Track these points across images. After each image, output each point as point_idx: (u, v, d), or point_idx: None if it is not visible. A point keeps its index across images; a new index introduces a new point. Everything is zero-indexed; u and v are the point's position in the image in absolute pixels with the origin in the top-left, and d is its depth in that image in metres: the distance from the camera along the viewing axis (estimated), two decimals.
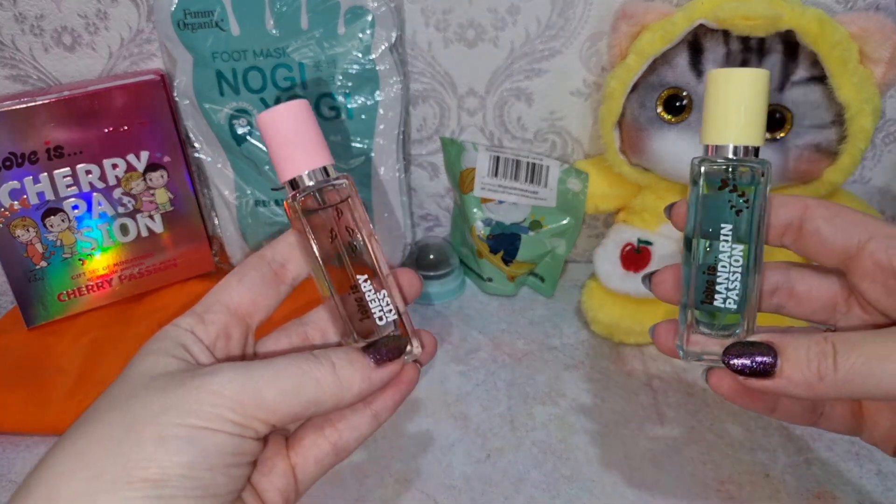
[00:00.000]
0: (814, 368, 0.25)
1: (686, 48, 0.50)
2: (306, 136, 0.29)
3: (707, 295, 0.29)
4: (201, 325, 0.28)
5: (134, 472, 0.22)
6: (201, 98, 0.57)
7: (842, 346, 0.24)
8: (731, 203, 0.28)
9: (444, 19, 0.58)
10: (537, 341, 0.58)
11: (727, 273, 0.29)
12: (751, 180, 0.28)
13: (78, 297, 0.59)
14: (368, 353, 0.28)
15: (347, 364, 0.27)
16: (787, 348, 0.26)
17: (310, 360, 0.26)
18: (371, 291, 0.29)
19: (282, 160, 0.29)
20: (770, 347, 0.26)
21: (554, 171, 0.61)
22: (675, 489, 0.44)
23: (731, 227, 0.28)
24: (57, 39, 0.59)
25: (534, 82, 0.60)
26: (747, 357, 0.26)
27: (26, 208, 0.55)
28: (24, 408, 0.49)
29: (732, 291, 0.29)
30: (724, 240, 0.29)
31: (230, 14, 0.54)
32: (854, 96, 0.47)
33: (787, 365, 0.25)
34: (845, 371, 0.24)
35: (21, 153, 0.53)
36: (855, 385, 0.24)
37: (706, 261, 0.29)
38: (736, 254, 0.29)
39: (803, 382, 0.25)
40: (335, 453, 0.30)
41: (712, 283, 0.29)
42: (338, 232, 0.29)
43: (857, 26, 0.47)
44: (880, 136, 0.61)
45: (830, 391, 0.25)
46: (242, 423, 0.24)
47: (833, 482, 0.44)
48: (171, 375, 0.25)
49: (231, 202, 0.61)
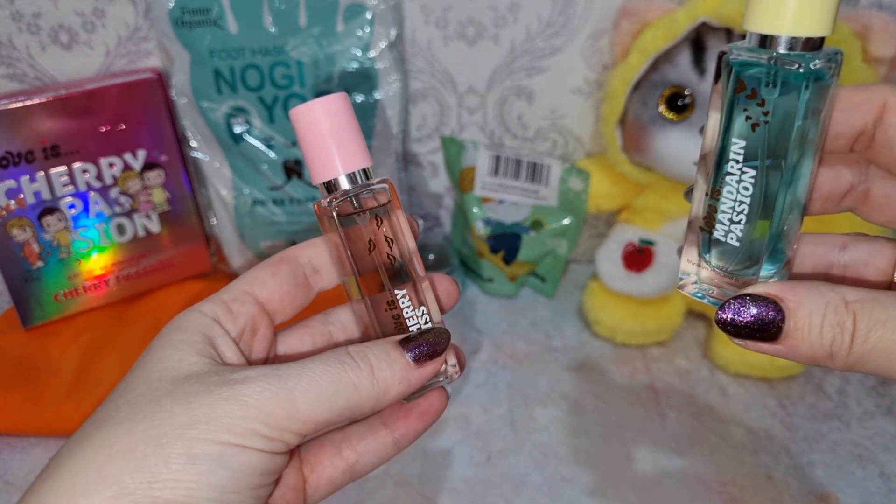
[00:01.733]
0: (826, 342, 0.21)
1: (688, 46, 0.49)
2: (345, 133, 0.26)
3: (707, 222, 0.24)
4: (228, 314, 0.26)
5: (160, 492, 0.21)
6: (199, 96, 0.56)
7: (864, 320, 0.21)
8: (748, 113, 0.22)
9: (444, 17, 0.57)
10: (538, 342, 0.57)
11: (732, 202, 0.23)
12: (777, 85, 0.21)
13: (75, 298, 0.59)
14: (407, 348, 0.25)
15: (386, 365, 0.24)
16: (799, 310, 0.21)
17: (346, 362, 0.24)
18: (409, 308, 0.27)
19: (316, 160, 0.26)
20: (777, 306, 0.21)
21: (555, 171, 0.61)
22: (677, 491, 0.43)
23: (744, 144, 0.22)
24: (54, 37, 0.58)
25: (535, 80, 0.60)
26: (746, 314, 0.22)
27: (23, 208, 0.54)
28: (20, 409, 0.49)
29: (737, 225, 0.23)
30: (732, 159, 0.23)
31: (228, 12, 0.54)
32: None
33: (795, 332, 0.21)
34: (861, 354, 0.21)
35: (17, 152, 0.53)
36: (867, 368, 0.21)
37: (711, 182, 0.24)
38: (746, 179, 0.23)
39: (809, 354, 0.21)
40: (350, 475, 0.28)
41: (714, 209, 0.24)
42: (376, 242, 0.26)
43: (860, 24, 0.47)
44: None
45: (838, 367, 0.21)
46: (274, 436, 0.22)
47: (836, 484, 0.44)
48: (197, 379, 0.23)
49: (229, 201, 0.60)
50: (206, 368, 0.24)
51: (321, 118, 0.26)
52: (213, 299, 0.26)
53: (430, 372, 0.26)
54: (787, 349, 0.22)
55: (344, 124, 0.26)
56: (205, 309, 0.26)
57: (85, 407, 0.49)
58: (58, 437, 0.49)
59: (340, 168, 0.26)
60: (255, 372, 0.23)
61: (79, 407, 0.49)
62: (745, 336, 0.22)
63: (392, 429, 0.28)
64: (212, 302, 0.26)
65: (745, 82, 0.22)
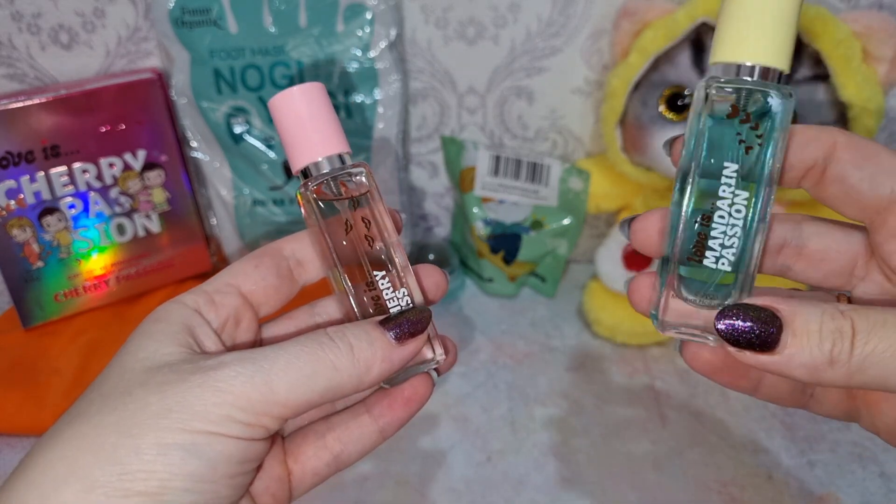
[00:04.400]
0: (826, 349, 0.20)
1: (688, 46, 0.49)
2: (320, 120, 0.26)
3: (696, 250, 0.24)
4: (210, 305, 0.25)
5: (131, 484, 0.20)
6: (199, 96, 0.56)
7: (862, 325, 0.20)
8: (741, 136, 0.23)
9: (444, 17, 0.57)
10: (538, 342, 0.57)
11: (725, 225, 0.23)
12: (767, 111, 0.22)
13: (75, 298, 0.59)
14: (388, 327, 0.25)
15: (366, 344, 0.24)
16: (796, 319, 0.21)
17: (324, 342, 0.23)
18: (389, 289, 0.27)
19: (294, 147, 0.27)
20: (774, 315, 0.21)
21: (555, 171, 0.61)
22: (677, 491, 0.43)
23: (737, 168, 0.23)
24: (54, 37, 0.58)
25: (535, 80, 0.60)
26: (745, 323, 0.21)
27: (23, 208, 0.54)
28: (20, 409, 0.49)
29: (729, 249, 0.23)
30: (725, 182, 0.23)
31: (228, 12, 0.54)
32: (857, 95, 0.46)
33: (794, 340, 0.21)
34: (863, 357, 0.20)
35: (17, 152, 0.53)
36: (869, 375, 0.20)
37: (701, 206, 0.23)
38: (738, 202, 0.23)
39: (809, 364, 0.21)
40: (335, 465, 0.28)
41: (705, 235, 0.23)
42: (353, 223, 0.27)
43: (861, 24, 0.47)
44: (883, 135, 0.61)
45: (839, 378, 0.21)
46: (251, 421, 0.22)
47: (836, 484, 0.44)
48: (171, 368, 0.22)
49: (228, 201, 0.60)
50: (181, 357, 0.23)
51: (299, 105, 0.26)
52: (194, 290, 0.26)
53: (411, 350, 0.25)
54: (786, 360, 0.21)
55: (320, 112, 0.27)
56: (186, 300, 0.25)
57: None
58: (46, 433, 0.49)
59: (318, 152, 0.27)
60: (229, 357, 0.23)
61: None
62: (743, 346, 0.21)
63: (376, 417, 0.28)
64: (193, 293, 0.26)
65: (738, 107, 0.23)
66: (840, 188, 0.23)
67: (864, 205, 0.23)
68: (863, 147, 0.23)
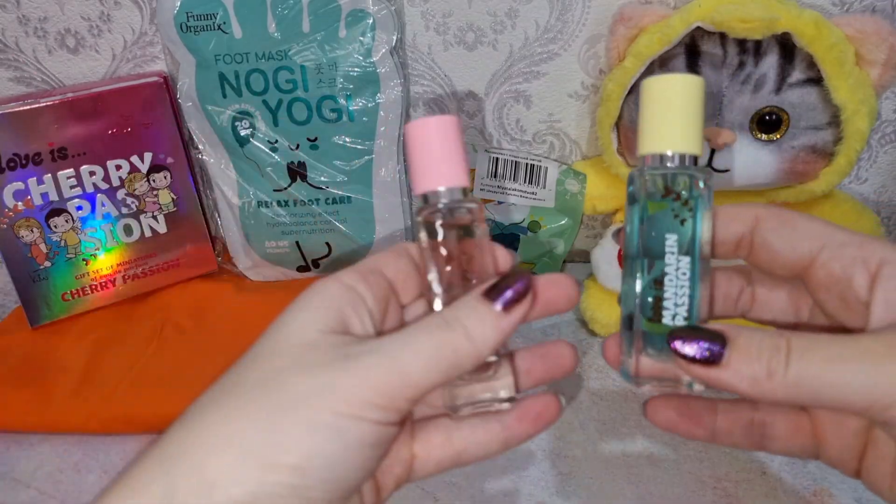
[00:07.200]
0: (763, 363, 0.23)
1: (683, 51, 0.50)
2: (447, 152, 0.28)
3: (654, 312, 0.27)
4: (365, 283, 0.27)
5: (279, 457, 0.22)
6: (204, 100, 0.57)
7: (797, 344, 0.23)
8: (675, 212, 0.27)
9: (444, 22, 0.58)
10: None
11: (674, 287, 0.27)
12: (692, 190, 0.27)
13: (82, 297, 0.60)
14: (493, 298, 0.26)
15: (478, 323, 0.25)
16: (739, 338, 0.24)
17: (442, 326, 0.25)
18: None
19: (418, 171, 0.28)
20: (720, 335, 0.24)
21: (552, 173, 0.61)
22: (672, 487, 0.44)
23: (677, 238, 0.27)
24: (60, 42, 0.59)
25: (532, 85, 0.61)
26: (694, 341, 0.24)
27: (30, 209, 0.55)
28: (28, 406, 0.50)
29: (681, 307, 0.27)
30: (669, 252, 0.27)
31: (232, 17, 0.55)
32: (850, 98, 0.47)
33: (736, 355, 0.24)
34: (797, 371, 0.23)
35: (25, 154, 0.54)
36: (804, 388, 0.23)
37: (652, 275, 0.27)
38: (683, 266, 0.27)
39: (750, 377, 0.23)
40: (456, 461, 0.29)
41: (660, 298, 0.27)
42: (456, 255, 0.28)
43: (854, 28, 0.48)
44: (876, 137, 0.62)
45: (778, 390, 0.23)
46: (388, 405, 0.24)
47: (830, 479, 0.44)
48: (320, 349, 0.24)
49: (234, 203, 0.61)
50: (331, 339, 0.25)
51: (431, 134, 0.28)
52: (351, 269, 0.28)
53: (519, 316, 0.26)
54: (731, 373, 0.24)
55: (450, 143, 0.28)
56: (343, 277, 0.27)
57: (92, 404, 0.49)
58: (64, 434, 0.49)
59: (440, 182, 0.28)
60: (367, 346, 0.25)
61: (86, 404, 0.50)
62: (694, 361, 0.24)
63: (505, 427, 0.29)
64: (349, 271, 0.27)
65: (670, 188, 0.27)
66: (768, 254, 0.27)
67: (790, 266, 0.27)
68: (781, 216, 0.27)
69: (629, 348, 0.28)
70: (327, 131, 0.58)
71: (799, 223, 0.26)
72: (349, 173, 0.60)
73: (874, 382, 0.22)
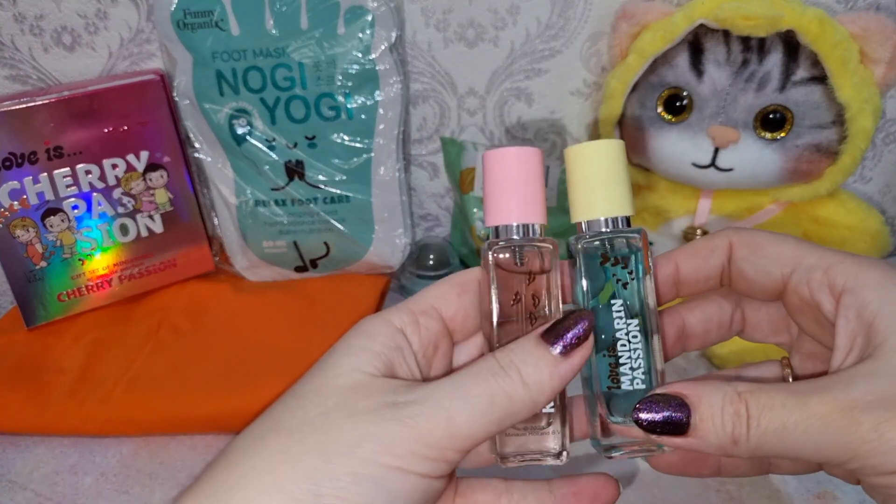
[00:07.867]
0: (728, 431, 0.23)
1: (686, 48, 0.50)
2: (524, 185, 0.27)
3: (612, 379, 0.27)
4: (415, 326, 0.26)
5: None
6: (201, 98, 0.57)
7: (755, 408, 0.23)
8: (617, 276, 0.27)
9: (445, 19, 0.58)
10: None
11: (628, 352, 0.27)
12: (629, 250, 0.27)
13: (78, 298, 0.59)
14: (551, 342, 0.25)
15: (533, 368, 0.24)
16: (702, 404, 0.24)
17: (496, 372, 0.24)
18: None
19: (492, 202, 0.27)
20: (683, 403, 0.24)
21: (554, 171, 0.61)
22: (675, 489, 0.44)
23: (622, 302, 0.27)
24: (57, 39, 0.59)
25: (534, 82, 0.60)
26: (658, 412, 0.24)
27: (26, 208, 0.55)
28: (24, 408, 0.49)
29: (638, 370, 0.27)
30: (617, 317, 0.27)
31: (230, 14, 0.54)
32: (854, 96, 0.47)
33: (701, 424, 0.24)
34: (758, 436, 0.23)
35: (21, 153, 0.53)
36: (766, 449, 0.23)
37: (604, 343, 0.27)
38: (632, 329, 0.27)
39: (716, 444, 0.23)
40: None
41: (615, 364, 0.27)
42: (523, 296, 0.27)
43: (858, 26, 0.47)
44: (880, 136, 0.61)
45: (744, 453, 0.23)
46: (435, 456, 0.23)
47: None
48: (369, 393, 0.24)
49: (231, 202, 0.61)
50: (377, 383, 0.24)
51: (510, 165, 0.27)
52: (400, 308, 0.27)
53: (579, 360, 0.25)
54: (698, 441, 0.24)
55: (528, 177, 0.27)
56: (393, 318, 0.26)
57: (88, 406, 0.49)
58: (61, 435, 0.49)
59: (513, 217, 0.27)
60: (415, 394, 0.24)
61: (82, 406, 0.49)
62: (661, 432, 0.24)
63: (557, 499, 0.28)
64: (399, 311, 0.26)
65: (607, 255, 0.27)
66: (744, 282, 0.27)
67: (767, 292, 0.27)
68: (752, 243, 0.27)
69: (594, 417, 0.28)
70: (325, 129, 0.58)
71: (769, 249, 0.27)
72: (348, 172, 0.59)
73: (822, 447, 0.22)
